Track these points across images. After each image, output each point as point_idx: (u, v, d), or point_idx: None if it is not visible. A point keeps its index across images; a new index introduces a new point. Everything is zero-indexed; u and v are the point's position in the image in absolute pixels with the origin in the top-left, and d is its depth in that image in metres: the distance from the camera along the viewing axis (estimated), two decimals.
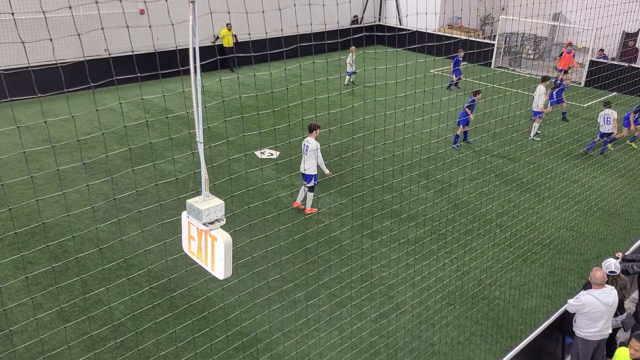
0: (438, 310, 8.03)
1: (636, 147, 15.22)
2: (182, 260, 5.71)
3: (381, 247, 9.35)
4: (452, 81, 20.02)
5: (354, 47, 20.03)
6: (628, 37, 23.26)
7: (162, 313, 7.31)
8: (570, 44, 20.58)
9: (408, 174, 11.93)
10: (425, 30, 23.43)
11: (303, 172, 10.33)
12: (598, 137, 14.36)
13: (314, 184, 10.37)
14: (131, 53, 12.50)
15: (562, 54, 20.77)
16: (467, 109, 14.06)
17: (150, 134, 14.36)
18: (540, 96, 15.12)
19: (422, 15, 21.27)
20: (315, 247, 9.01)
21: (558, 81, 17.03)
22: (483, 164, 13.01)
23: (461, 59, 19.89)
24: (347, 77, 19.80)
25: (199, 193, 3.53)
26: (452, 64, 19.83)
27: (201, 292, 7.90)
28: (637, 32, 23.06)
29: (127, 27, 4.58)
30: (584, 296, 6.39)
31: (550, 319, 6.80)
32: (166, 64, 16.42)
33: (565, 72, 20.06)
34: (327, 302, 7.86)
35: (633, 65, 20.57)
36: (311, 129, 10.27)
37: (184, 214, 3.59)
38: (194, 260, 3.73)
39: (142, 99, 15.78)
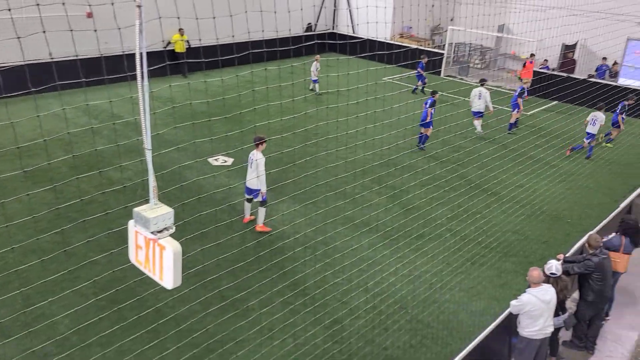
0: (391, 315, 8.15)
1: (611, 146, 16.48)
2: (131, 271, 5.55)
3: (335, 253, 9.41)
4: (417, 86, 20.70)
5: (319, 55, 20.13)
6: (567, 49, 24.48)
7: (110, 326, 7.07)
8: (532, 55, 21.47)
9: (361, 180, 12.08)
10: (377, 39, 23.89)
11: (249, 186, 9.98)
12: (586, 141, 15.24)
13: (263, 198, 9.95)
14: (75, 57, 12.07)
15: (525, 64, 21.68)
16: (429, 109, 14.37)
17: (98, 140, 13.91)
18: (487, 98, 15.81)
19: (374, 24, 21.65)
20: (269, 255, 8.97)
21: (521, 89, 17.47)
22: (434, 170, 13.34)
23: (424, 64, 20.45)
24: (314, 84, 19.85)
25: (147, 201, 3.46)
26: (419, 69, 20.37)
27: (151, 303, 7.70)
28: (575, 44, 24.31)
29: (72, 30, 4.45)
30: (524, 296, 6.68)
31: (497, 321, 7.02)
32: (114, 68, 15.95)
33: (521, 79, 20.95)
34: (281, 310, 7.83)
35: (571, 75, 21.65)
36: (257, 141, 9.71)
37: (131, 222, 3.51)
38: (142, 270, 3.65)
39: (88, 104, 15.28)
